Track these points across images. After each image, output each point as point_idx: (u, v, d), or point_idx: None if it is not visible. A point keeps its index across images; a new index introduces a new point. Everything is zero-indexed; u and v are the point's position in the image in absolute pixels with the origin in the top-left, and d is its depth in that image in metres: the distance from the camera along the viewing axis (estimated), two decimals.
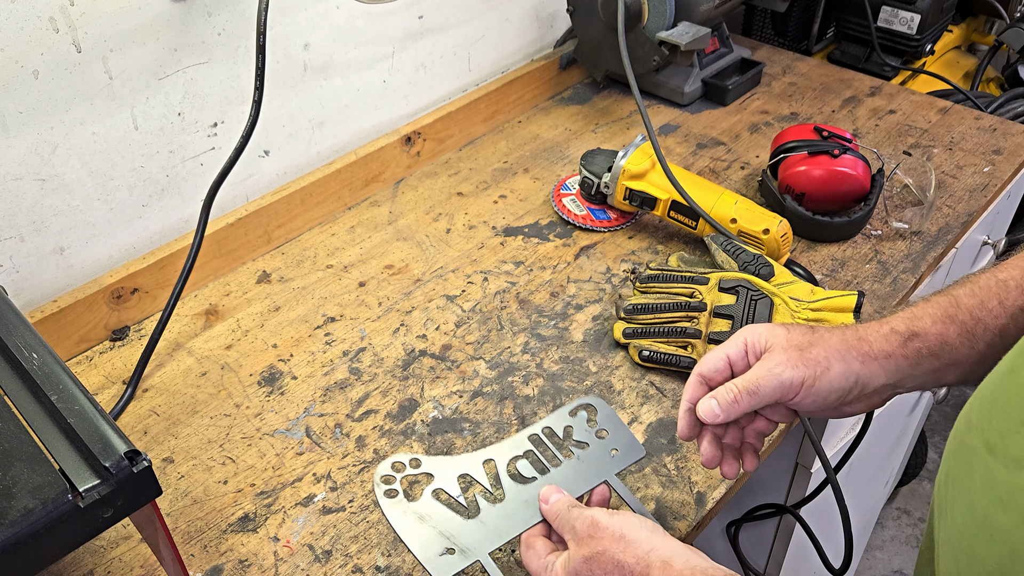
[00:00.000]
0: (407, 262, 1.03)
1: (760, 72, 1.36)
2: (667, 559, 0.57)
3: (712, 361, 0.66)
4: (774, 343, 0.65)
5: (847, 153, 1.02)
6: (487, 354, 0.91)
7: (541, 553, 0.63)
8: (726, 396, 0.64)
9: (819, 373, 0.63)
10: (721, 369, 0.66)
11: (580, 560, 0.59)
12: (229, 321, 0.96)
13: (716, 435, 0.68)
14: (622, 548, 0.58)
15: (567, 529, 0.63)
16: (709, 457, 0.68)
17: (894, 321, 0.64)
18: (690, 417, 0.67)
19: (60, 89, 0.83)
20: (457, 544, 0.64)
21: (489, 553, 0.64)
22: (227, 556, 0.72)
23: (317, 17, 1.02)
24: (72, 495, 0.50)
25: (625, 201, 1.04)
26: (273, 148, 1.05)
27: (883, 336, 0.64)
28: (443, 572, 0.63)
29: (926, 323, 0.63)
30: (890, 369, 0.63)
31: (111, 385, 0.88)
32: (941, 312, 0.63)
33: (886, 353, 0.63)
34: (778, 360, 0.64)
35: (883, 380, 0.64)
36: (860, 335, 0.64)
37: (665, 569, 0.56)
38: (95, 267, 0.94)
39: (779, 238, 0.96)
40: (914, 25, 1.51)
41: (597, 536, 0.60)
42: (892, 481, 1.76)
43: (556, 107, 1.33)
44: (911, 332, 0.63)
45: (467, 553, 0.64)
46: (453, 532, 0.66)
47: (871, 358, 0.63)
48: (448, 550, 0.64)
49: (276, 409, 0.85)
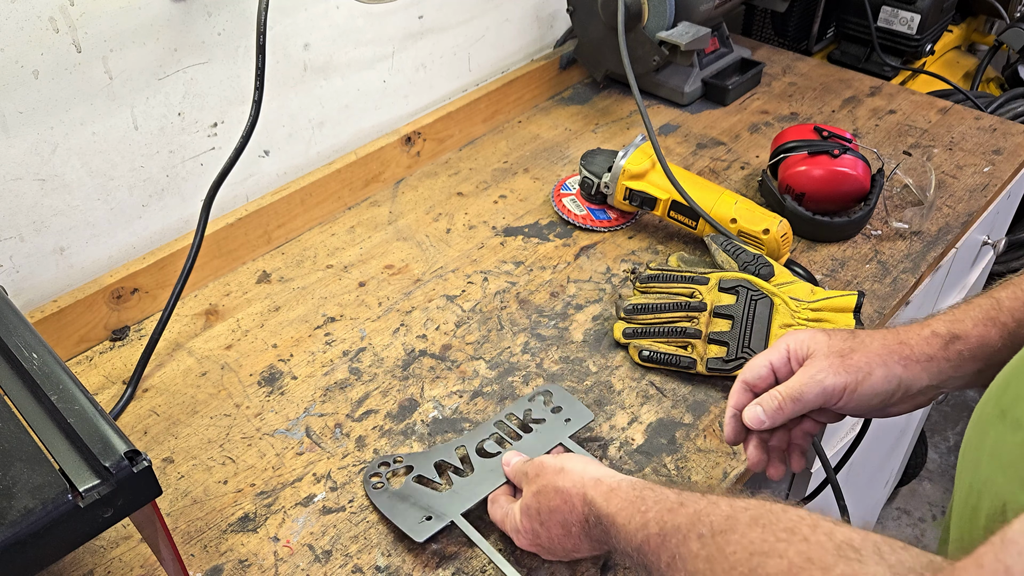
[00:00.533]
0: (407, 262, 1.03)
1: (760, 72, 1.36)
2: (598, 477, 0.62)
3: (756, 368, 0.69)
4: (816, 350, 0.67)
5: (847, 153, 1.02)
6: (487, 354, 0.91)
7: (503, 505, 0.71)
8: (771, 403, 0.67)
9: (861, 378, 0.64)
10: (765, 376, 0.69)
11: (530, 496, 0.66)
12: (229, 321, 0.96)
13: (762, 439, 0.71)
14: (562, 477, 0.64)
15: (522, 478, 0.69)
16: (755, 461, 0.70)
17: (935, 324, 0.66)
18: (736, 423, 0.70)
19: (60, 89, 0.83)
20: (434, 512, 0.72)
21: (461, 514, 0.72)
22: (227, 556, 0.72)
23: (317, 17, 1.02)
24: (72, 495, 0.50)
25: (625, 201, 1.04)
26: (273, 148, 1.05)
27: (924, 339, 0.65)
28: (422, 534, 0.70)
29: (967, 325, 0.64)
30: (932, 371, 0.64)
31: (111, 385, 0.88)
32: (982, 314, 0.64)
33: (928, 356, 0.64)
34: (820, 367, 0.66)
35: (926, 382, 0.65)
36: (901, 339, 0.66)
37: (597, 485, 0.61)
38: (95, 267, 0.94)
39: (779, 238, 0.96)
40: (914, 25, 1.52)
41: (542, 473, 0.66)
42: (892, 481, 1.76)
43: (556, 107, 1.33)
44: (952, 335, 0.64)
45: (442, 517, 0.72)
46: (430, 503, 0.73)
47: (913, 361, 0.64)
48: (427, 518, 0.72)
49: (276, 409, 0.85)
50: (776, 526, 0.47)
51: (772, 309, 0.86)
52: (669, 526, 0.53)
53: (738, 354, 0.84)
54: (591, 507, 0.61)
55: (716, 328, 0.86)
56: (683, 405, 0.84)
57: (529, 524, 0.66)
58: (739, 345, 0.84)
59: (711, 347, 0.85)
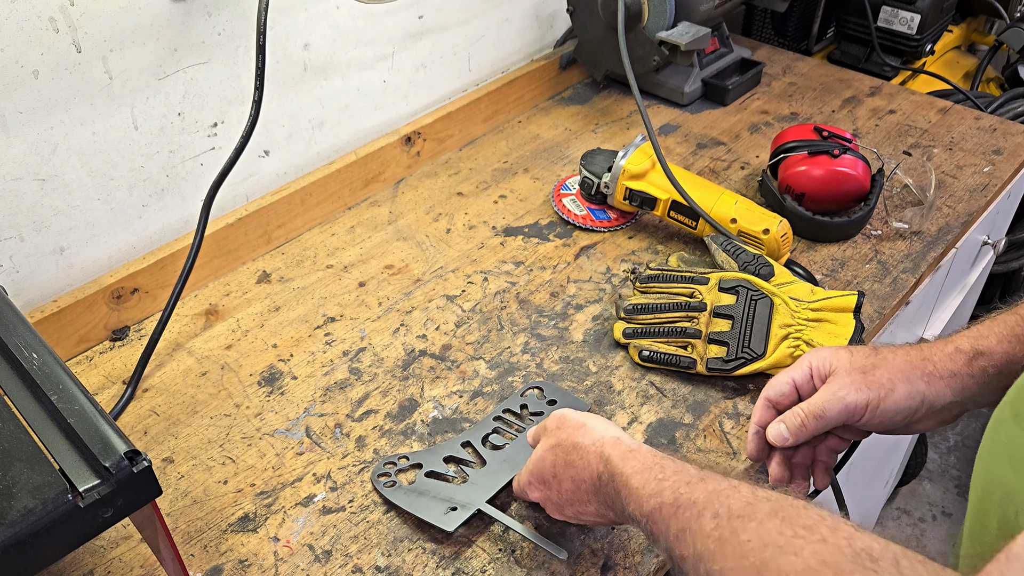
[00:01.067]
0: (407, 262, 1.03)
1: (760, 72, 1.36)
2: (618, 437, 0.63)
3: (778, 385, 0.70)
4: (838, 366, 0.67)
5: (847, 153, 1.02)
6: (487, 354, 0.91)
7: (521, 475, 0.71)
8: (794, 420, 0.67)
9: (883, 395, 0.65)
10: (787, 393, 0.69)
11: (547, 448, 0.66)
12: (229, 321, 0.96)
13: (786, 455, 0.71)
14: (581, 433, 0.64)
15: (540, 431, 0.69)
16: (778, 478, 0.71)
17: (959, 340, 0.66)
18: (759, 440, 0.71)
19: (60, 89, 0.83)
20: (457, 502, 0.73)
21: (486, 501, 0.73)
22: (227, 556, 0.72)
23: (317, 17, 1.02)
24: (72, 495, 0.50)
25: (625, 201, 1.04)
26: (273, 148, 1.05)
27: (948, 355, 0.65)
28: (451, 523, 0.71)
29: (992, 341, 0.64)
30: (956, 387, 0.64)
31: (111, 385, 0.88)
32: (1007, 331, 0.64)
33: (951, 372, 0.64)
34: (842, 384, 0.66)
35: (949, 398, 0.65)
36: (924, 355, 0.66)
37: (616, 444, 0.61)
38: (95, 267, 0.94)
39: (779, 238, 0.96)
40: (914, 25, 1.52)
41: (562, 426, 0.66)
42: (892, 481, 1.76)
43: (556, 107, 1.33)
44: (976, 351, 0.64)
45: (468, 507, 0.73)
46: (451, 495, 0.74)
47: (936, 377, 0.65)
48: (451, 508, 0.73)
49: (276, 409, 0.85)
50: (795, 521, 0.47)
51: (772, 309, 0.86)
52: (685, 498, 0.53)
53: (738, 354, 0.84)
54: (607, 464, 0.60)
55: (716, 328, 0.86)
56: (683, 405, 0.84)
57: (540, 475, 0.66)
58: (739, 345, 0.84)
59: (711, 347, 0.85)
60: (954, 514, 1.99)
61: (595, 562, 0.71)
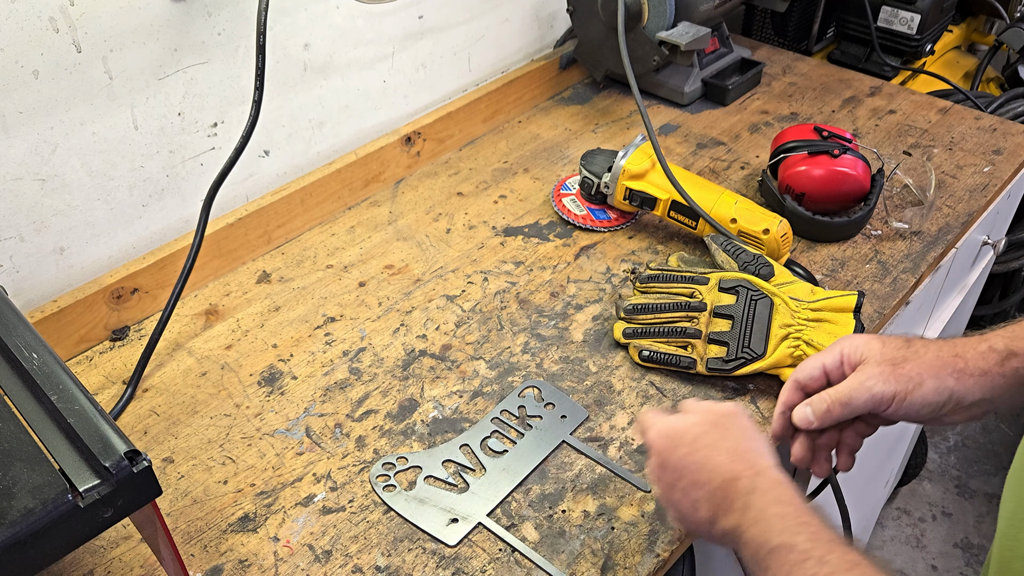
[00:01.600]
0: (407, 262, 1.03)
1: (760, 72, 1.36)
2: (773, 465, 0.61)
3: (809, 369, 0.70)
4: (869, 356, 0.68)
5: (847, 153, 1.02)
6: (487, 354, 0.91)
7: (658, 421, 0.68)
8: (820, 405, 0.68)
9: (911, 388, 0.65)
10: (817, 377, 0.70)
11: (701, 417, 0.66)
12: (229, 321, 0.96)
13: (810, 437, 0.72)
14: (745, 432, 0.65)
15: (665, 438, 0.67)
16: (800, 457, 0.72)
17: (993, 339, 0.66)
18: (784, 420, 0.72)
19: (60, 89, 0.83)
20: (458, 514, 0.74)
21: (487, 515, 0.74)
22: (227, 556, 0.72)
23: (317, 17, 1.02)
24: (72, 495, 0.50)
25: (625, 201, 1.04)
26: (273, 148, 1.05)
27: (980, 354, 0.65)
28: (454, 537, 0.72)
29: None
30: (986, 386, 0.65)
31: (111, 385, 0.88)
32: None
33: (982, 371, 0.65)
34: (871, 373, 0.66)
35: (979, 396, 0.65)
36: (956, 351, 0.66)
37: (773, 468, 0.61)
38: (95, 267, 0.94)
39: (779, 238, 0.96)
40: (914, 25, 1.52)
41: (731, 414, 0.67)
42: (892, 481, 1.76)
43: (556, 107, 1.33)
44: (1010, 351, 0.64)
45: (469, 519, 0.74)
46: (452, 505, 0.75)
47: (967, 375, 0.65)
48: (452, 520, 0.74)
49: (276, 409, 0.85)
50: None
51: (772, 309, 0.86)
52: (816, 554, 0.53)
53: (738, 354, 0.84)
54: (755, 477, 0.60)
55: (716, 328, 0.86)
56: None
57: (678, 433, 0.65)
58: (739, 345, 0.84)
59: (711, 347, 0.85)
60: (954, 514, 1.99)
61: (595, 562, 0.71)
